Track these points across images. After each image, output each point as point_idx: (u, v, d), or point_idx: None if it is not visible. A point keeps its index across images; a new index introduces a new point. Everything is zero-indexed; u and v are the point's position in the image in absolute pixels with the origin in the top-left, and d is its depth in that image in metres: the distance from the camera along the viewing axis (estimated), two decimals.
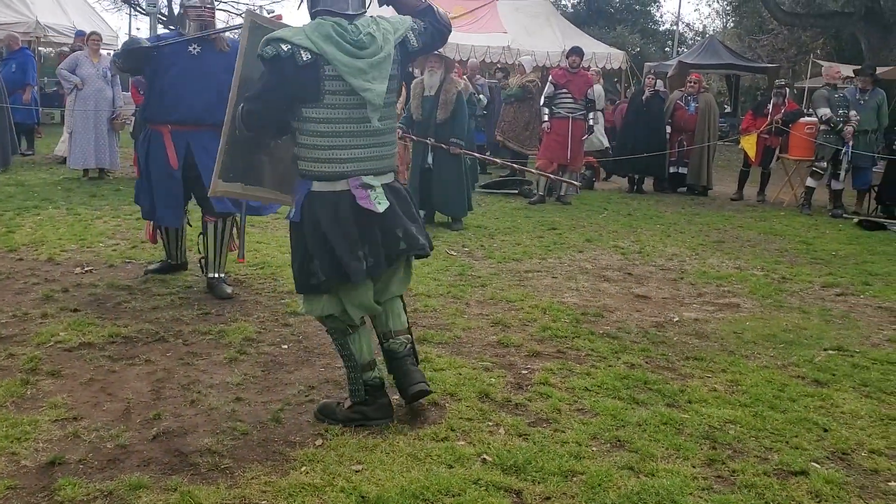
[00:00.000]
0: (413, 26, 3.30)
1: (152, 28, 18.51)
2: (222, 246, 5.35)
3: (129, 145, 11.46)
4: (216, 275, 5.31)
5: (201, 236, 5.35)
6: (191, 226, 5.63)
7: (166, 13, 33.28)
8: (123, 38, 33.56)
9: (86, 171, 10.39)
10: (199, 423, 3.33)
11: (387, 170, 3.33)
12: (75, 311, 4.77)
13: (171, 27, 34.94)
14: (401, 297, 3.56)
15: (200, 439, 3.19)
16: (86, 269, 5.75)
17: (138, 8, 33.73)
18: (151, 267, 5.73)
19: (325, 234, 3.18)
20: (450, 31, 3.45)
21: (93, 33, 10.83)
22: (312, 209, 3.22)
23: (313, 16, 3.21)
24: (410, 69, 9.07)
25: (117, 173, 10.80)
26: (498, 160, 10.55)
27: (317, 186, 3.22)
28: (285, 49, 3.05)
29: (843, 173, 10.22)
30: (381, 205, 3.20)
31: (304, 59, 3.06)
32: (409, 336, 3.55)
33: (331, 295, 3.31)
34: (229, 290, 5.24)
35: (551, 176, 9.78)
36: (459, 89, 8.24)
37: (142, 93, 10.39)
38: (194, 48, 5.05)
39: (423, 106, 8.13)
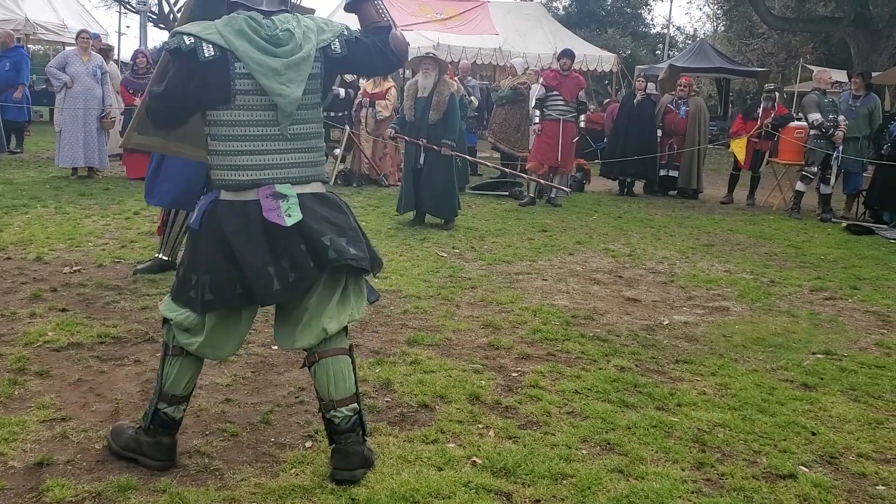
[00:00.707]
0: (344, 33, 2.97)
1: (142, 26, 18.48)
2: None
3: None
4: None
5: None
6: None
7: (156, 11, 33.15)
8: (113, 36, 33.47)
9: (75, 169, 10.35)
10: (189, 425, 3.31)
11: (311, 178, 2.94)
12: (64, 310, 4.75)
13: (162, 25, 34.89)
14: (349, 354, 2.99)
15: (190, 440, 3.18)
16: (74, 268, 5.72)
17: (128, 6, 33.59)
18: (141, 266, 5.71)
19: (227, 250, 2.78)
20: (398, 60, 3.11)
21: (82, 31, 10.78)
22: (216, 220, 2.82)
23: (228, 9, 2.91)
24: (403, 73, 9.14)
25: (106, 172, 10.76)
26: (489, 163, 10.56)
27: (225, 195, 2.84)
28: (187, 42, 2.73)
29: (832, 178, 10.30)
30: (290, 218, 2.78)
31: (208, 54, 2.74)
32: (357, 406, 2.96)
33: (198, 315, 2.87)
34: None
35: (542, 181, 9.83)
36: (452, 91, 8.27)
37: (131, 92, 10.39)
38: None
39: (416, 107, 8.17)
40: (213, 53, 2.75)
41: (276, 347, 4.30)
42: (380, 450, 3.15)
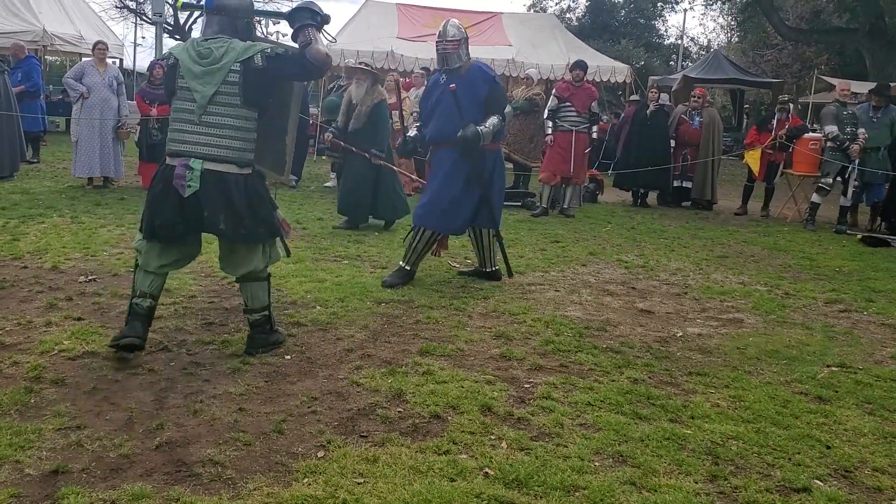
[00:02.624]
0: (266, 51, 4.02)
1: (158, 37, 18.62)
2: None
3: (133, 154, 11.53)
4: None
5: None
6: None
7: (172, 22, 33.45)
8: (129, 48, 33.76)
9: (90, 179, 10.44)
10: (202, 434, 3.33)
11: (222, 160, 4.00)
12: (79, 319, 4.78)
13: (178, 37, 35.17)
14: (260, 278, 4.30)
15: (203, 449, 3.19)
16: (90, 277, 5.77)
17: (144, 17, 33.90)
18: (387, 277, 6.09)
19: (153, 197, 4.09)
20: (316, 69, 4.10)
21: (98, 42, 10.89)
22: (158, 175, 4.12)
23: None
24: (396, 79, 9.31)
25: (121, 182, 10.85)
26: (407, 173, 10.45)
27: (167, 160, 4.08)
28: (166, 54, 4.06)
29: (850, 190, 10.26)
30: (189, 188, 3.95)
31: (171, 62, 4.12)
32: (265, 313, 4.34)
33: (149, 245, 4.16)
34: None
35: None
36: (377, 102, 8.43)
37: (147, 102, 10.48)
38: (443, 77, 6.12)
39: (349, 115, 8.48)
40: (171, 62, 4.12)
41: (288, 357, 4.32)
42: (391, 460, 3.15)
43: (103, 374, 3.93)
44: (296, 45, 4.15)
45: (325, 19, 4.23)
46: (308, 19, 4.15)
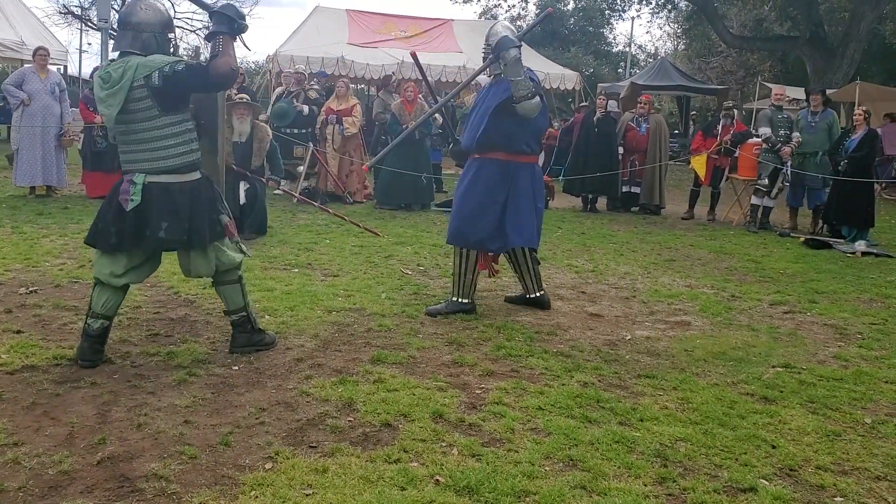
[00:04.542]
0: (164, 69, 3.95)
1: (104, 43, 18.26)
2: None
3: (77, 162, 11.28)
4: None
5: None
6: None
7: (118, 28, 32.80)
8: (74, 54, 33.06)
9: (32, 188, 10.18)
10: (146, 447, 3.25)
11: (160, 171, 4.08)
12: (18, 332, 4.64)
13: None
14: (231, 281, 4.42)
15: (147, 464, 3.11)
16: (30, 289, 5.60)
17: (89, 23, 33.24)
18: (433, 308, 5.62)
19: (101, 207, 4.21)
20: (216, 84, 4.10)
21: (39, 48, 10.63)
22: (113, 188, 4.20)
23: None
24: (367, 89, 9.26)
25: (65, 191, 10.60)
26: (290, 192, 10.55)
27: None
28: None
29: (775, 190, 10.62)
30: (132, 202, 4.03)
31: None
32: (243, 314, 4.47)
33: (100, 253, 4.22)
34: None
35: (329, 210, 9.93)
36: (269, 137, 8.68)
37: (91, 109, 10.26)
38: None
39: (235, 152, 8.34)
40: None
41: (236, 367, 4.25)
42: (341, 470, 3.12)
43: (43, 389, 3.82)
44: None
45: (242, 28, 4.11)
46: (224, 26, 4.05)
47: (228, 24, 4.05)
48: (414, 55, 6.23)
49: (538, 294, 5.87)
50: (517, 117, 5.33)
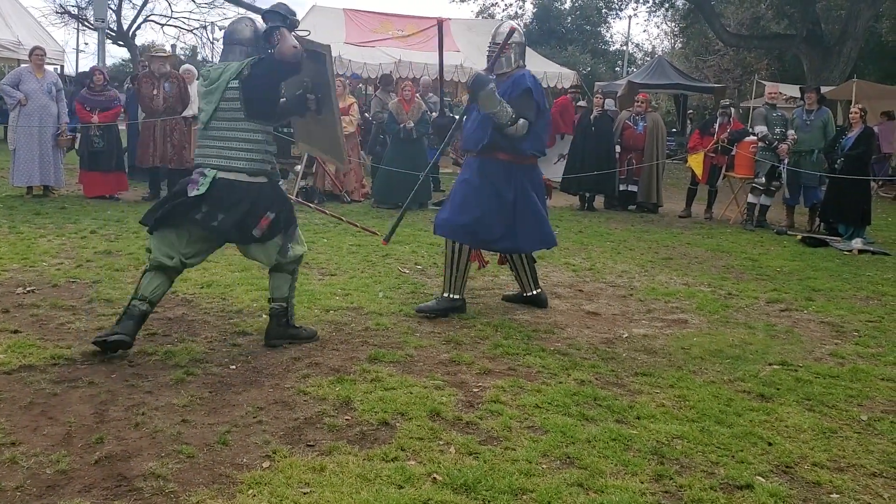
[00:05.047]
0: (251, 60, 4.41)
1: (100, 43, 18.25)
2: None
3: (74, 162, 11.26)
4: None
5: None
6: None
7: (115, 28, 32.82)
8: (70, 53, 33.02)
9: (29, 188, 10.17)
10: (144, 447, 3.26)
11: (230, 168, 4.42)
12: (16, 332, 4.64)
13: (121, 43, 34.55)
14: (287, 271, 4.67)
15: (144, 463, 3.12)
16: (28, 289, 5.60)
17: (86, 23, 33.21)
18: (424, 305, 5.56)
19: (171, 195, 4.60)
20: (289, 64, 4.39)
21: (36, 48, 10.61)
22: (179, 182, 4.59)
23: None
24: (364, 89, 9.15)
25: (62, 191, 10.59)
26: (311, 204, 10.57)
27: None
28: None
29: (776, 190, 10.64)
30: (198, 190, 4.37)
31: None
32: (283, 304, 4.69)
33: (155, 238, 4.49)
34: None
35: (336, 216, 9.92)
36: None
37: (88, 109, 10.25)
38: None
39: None
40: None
41: (234, 367, 4.26)
42: (339, 469, 3.12)
43: (41, 388, 3.82)
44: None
45: (294, 24, 4.55)
46: (278, 21, 4.47)
47: (283, 20, 4.47)
48: (440, 24, 6.23)
49: (535, 292, 5.88)
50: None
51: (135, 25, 34.59)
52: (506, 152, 5.44)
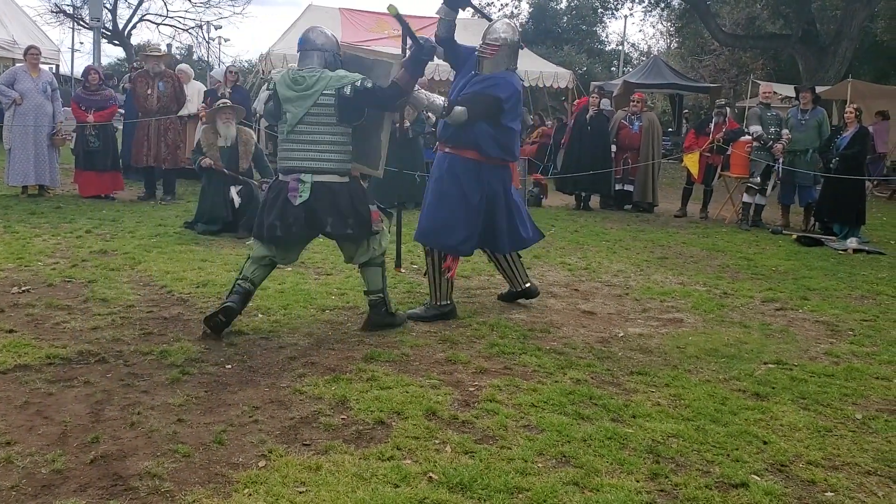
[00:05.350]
0: (356, 84, 4.63)
1: (96, 42, 18.23)
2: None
3: (70, 162, 11.25)
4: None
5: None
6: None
7: (110, 28, 32.78)
8: (67, 53, 32.96)
9: (25, 188, 10.15)
10: (139, 446, 3.26)
11: (325, 171, 4.70)
12: (11, 331, 4.63)
13: (116, 42, 34.50)
14: (376, 264, 5.00)
15: (140, 462, 3.11)
16: (23, 288, 5.59)
17: (81, 22, 33.15)
18: (411, 312, 5.45)
19: (264, 205, 4.83)
20: (389, 106, 4.85)
21: (31, 47, 10.58)
22: (272, 188, 4.88)
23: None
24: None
25: (57, 190, 10.57)
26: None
27: (280, 176, 4.82)
28: (268, 85, 4.91)
29: (769, 189, 10.68)
30: (300, 197, 4.65)
31: (268, 89, 4.86)
32: (380, 295, 5.01)
33: (257, 241, 4.92)
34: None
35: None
36: (255, 141, 8.77)
37: (83, 108, 10.23)
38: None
39: (222, 157, 8.38)
40: (270, 89, 4.84)
41: (230, 366, 4.26)
42: (335, 468, 3.13)
43: (36, 388, 3.82)
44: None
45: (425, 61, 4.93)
46: (425, 56, 4.87)
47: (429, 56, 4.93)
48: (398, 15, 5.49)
49: (526, 285, 5.85)
50: (491, 119, 5.21)
51: (130, 25, 34.56)
52: (476, 152, 5.26)
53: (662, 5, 29.19)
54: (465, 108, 5.12)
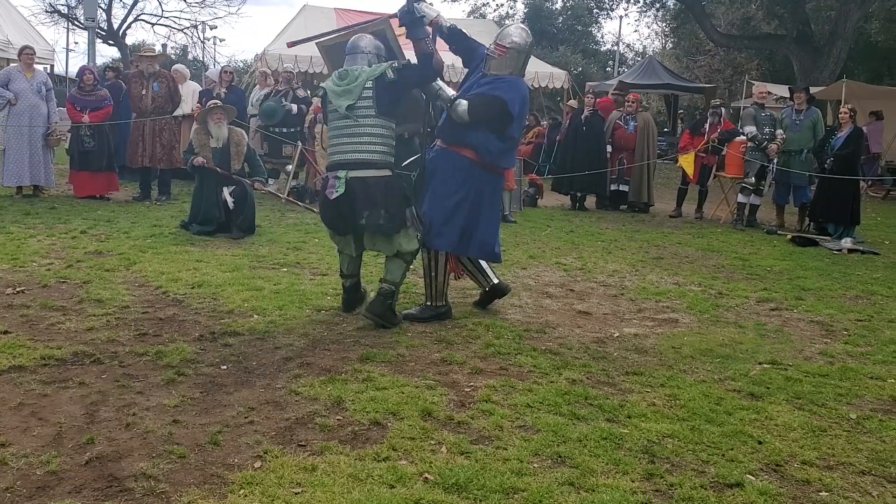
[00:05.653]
0: (393, 64, 5.05)
1: (91, 42, 18.17)
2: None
3: (64, 162, 11.22)
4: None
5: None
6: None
7: (105, 28, 32.69)
8: (60, 53, 32.85)
9: (19, 188, 10.12)
10: (135, 447, 3.25)
11: (362, 165, 4.95)
12: (6, 332, 4.62)
13: (111, 42, 34.41)
14: (404, 259, 5.17)
15: (135, 463, 3.11)
16: (18, 289, 5.58)
17: (76, 22, 33.06)
18: (407, 312, 5.43)
19: (321, 200, 5.23)
20: (430, 75, 5.16)
21: (25, 47, 10.56)
22: (322, 184, 5.23)
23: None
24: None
25: (52, 191, 10.55)
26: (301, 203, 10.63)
27: (327, 172, 5.18)
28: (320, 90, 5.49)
29: (764, 188, 10.72)
30: (336, 192, 4.93)
31: (321, 93, 5.37)
32: (393, 288, 5.12)
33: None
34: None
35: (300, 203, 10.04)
36: (247, 141, 8.75)
37: (78, 109, 10.20)
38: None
39: (214, 157, 8.36)
40: (322, 92, 5.37)
41: (225, 367, 4.25)
42: (330, 469, 3.12)
43: (31, 389, 3.81)
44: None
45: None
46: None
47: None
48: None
49: (494, 282, 5.68)
50: (497, 130, 5.20)
51: (125, 24, 34.48)
52: (470, 150, 5.24)
53: (657, 6, 29.22)
54: (467, 108, 5.12)
